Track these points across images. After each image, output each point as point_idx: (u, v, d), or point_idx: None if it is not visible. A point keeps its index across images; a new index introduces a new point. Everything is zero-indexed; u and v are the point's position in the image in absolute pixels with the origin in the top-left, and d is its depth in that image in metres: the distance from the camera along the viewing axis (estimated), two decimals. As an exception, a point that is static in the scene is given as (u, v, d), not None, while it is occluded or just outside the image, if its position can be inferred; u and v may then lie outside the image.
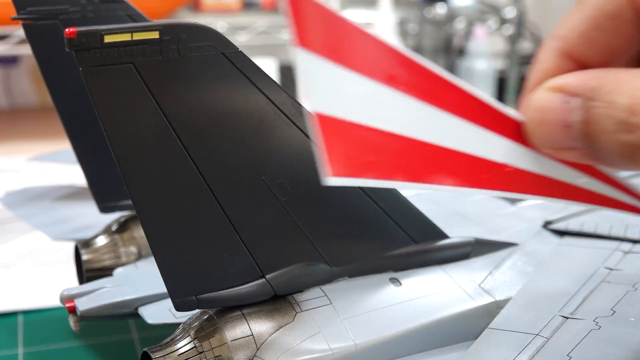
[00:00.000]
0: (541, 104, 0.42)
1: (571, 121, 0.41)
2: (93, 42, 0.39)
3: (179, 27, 0.41)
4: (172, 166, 0.45)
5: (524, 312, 0.52)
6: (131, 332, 0.68)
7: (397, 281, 0.54)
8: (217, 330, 0.48)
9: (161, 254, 0.46)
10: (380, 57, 0.37)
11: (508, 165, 0.42)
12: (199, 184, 0.46)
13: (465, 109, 0.40)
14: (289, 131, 0.47)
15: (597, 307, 0.51)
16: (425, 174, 0.40)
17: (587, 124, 0.40)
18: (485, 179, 0.42)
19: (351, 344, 0.49)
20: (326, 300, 0.51)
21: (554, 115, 0.42)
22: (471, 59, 1.53)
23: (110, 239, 0.69)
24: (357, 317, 0.51)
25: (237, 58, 0.44)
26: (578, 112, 0.41)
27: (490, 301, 0.54)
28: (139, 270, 0.65)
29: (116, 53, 0.40)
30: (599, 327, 0.49)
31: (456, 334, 0.52)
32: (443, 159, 0.40)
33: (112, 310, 0.60)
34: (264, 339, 0.48)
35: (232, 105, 0.45)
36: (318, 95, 0.36)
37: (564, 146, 0.42)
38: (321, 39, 0.36)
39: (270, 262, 0.50)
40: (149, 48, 0.41)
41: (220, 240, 0.47)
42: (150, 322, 0.57)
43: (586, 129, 0.41)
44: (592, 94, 0.40)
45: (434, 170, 0.40)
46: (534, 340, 0.48)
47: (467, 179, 0.41)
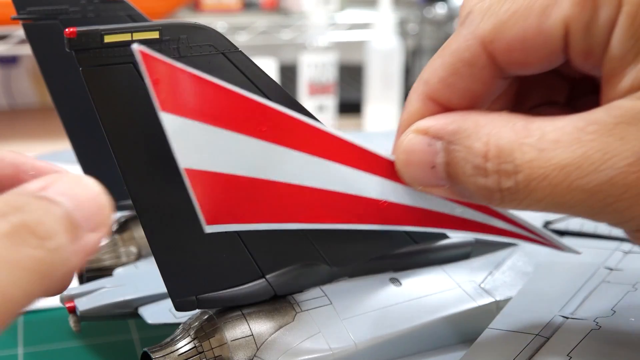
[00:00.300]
0: (408, 146, 0.45)
1: (435, 162, 0.44)
2: (93, 42, 0.39)
3: (179, 27, 0.42)
4: (172, 166, 0.45)
5: (524, 312, 0.52)
6: (131, 332, 0.68)
7: (397, 281, 0.54)
8: (217, 330, 0.48)
9: (161, 254, 0.46)
10: (244, 110, 0.40)
11: (384, 200, 0.45)
12: (199, 184, 0.46)
13: (337, 153, 0.44)
14: (289, 131, 0.47)
15: (597, 307, 0.51)
16: (304, 215, 0.44)
17: (449, 165, 0.43)
18: (363, 215, 0.46)
19: (351, 344, 0.49)
20: (326, 300, 0.51)
21: (419, 157, 0.44)
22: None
23: (110, 239, 0.69)
24: (357, 317, 0.51)
25: (237, 58, 0.44)
26: (441, 154, 0.43)
27: (490, 301, 0.54)
28: (139, 270, 0.65)
29: (116, 53, 0.40)
30: (599, 327, 0.49)
31: (456, 334, 0.52)
32: (318, 199, 0.44)
33: (112, 310, 0.59)
34: (264, 339, 0.48)
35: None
36: (185, 151, 0.39)
37: (431, 184, 0.45)
38: (183, 100, 0.38)
39: (270, 262, 0.50)
40: (150, 48, 0.41)
41: (220, 241, 0.47)
42: (150, 322, 0.57)
43: (449, 170, 0.43)
44: (452, 138, 0.43)
45: (311, 210, 0.44)
46: (534, 340, 0.48)
47: (344, 216, 0.45)
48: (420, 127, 0.45)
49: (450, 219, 0.48)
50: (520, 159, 0.40)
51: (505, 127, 0.41)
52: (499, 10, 0.42)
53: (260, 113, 0.41)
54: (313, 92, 1.50)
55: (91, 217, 0.35)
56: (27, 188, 0.34)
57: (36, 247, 0.31)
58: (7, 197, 0.33)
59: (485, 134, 0.41)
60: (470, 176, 0.42)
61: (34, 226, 0.31)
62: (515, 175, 0.40)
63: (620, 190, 0.39)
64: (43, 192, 0.34)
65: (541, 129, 0.40)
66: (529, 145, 0.40)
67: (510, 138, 0.41)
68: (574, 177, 0.39)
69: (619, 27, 0.39)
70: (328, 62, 1.50)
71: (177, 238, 0.46)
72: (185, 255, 0.47)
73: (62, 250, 0.33)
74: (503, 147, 0.41)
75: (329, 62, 1.50)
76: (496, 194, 0.42)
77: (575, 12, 0.40)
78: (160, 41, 0.41)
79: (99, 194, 0.36)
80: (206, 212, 0.41)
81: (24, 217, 0.31)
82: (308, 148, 0.43)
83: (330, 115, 1.51)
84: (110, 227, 0.37)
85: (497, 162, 0.41)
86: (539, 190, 0.40)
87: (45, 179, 0.35)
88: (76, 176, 0.36)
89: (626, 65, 0.40)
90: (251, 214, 0.43)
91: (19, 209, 0.32)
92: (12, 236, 0.30)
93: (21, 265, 0.30)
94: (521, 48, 0.42)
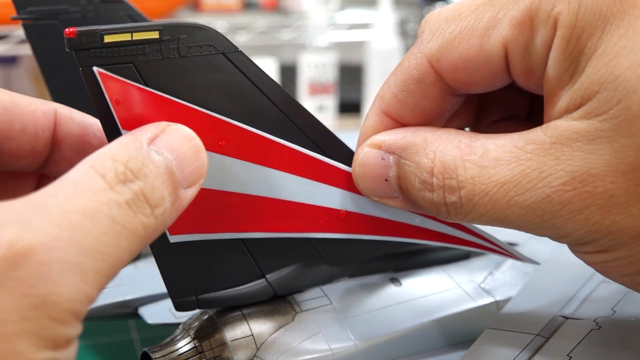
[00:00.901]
0: (363, 159, 0.47)
1: (388, 176, 0.46)
2: (93, 42, 0.39)
3: (179, 27, 0.42)
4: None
5: (524, 313, 0.52)
6: (131, 332, 0.68)
7: (397, 281, 0.54)
8: (217, 330, 0.48)
9: (161, 253, 0.46)
10: (202, 126, 0.42)
11: (344, 210, 0.48)
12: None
13: (296, 166, 0.46)
14: (289, 133, 0.47)
15: (597, 307, 0.51)
16: (264, 225, 0.46)
17: (400, 179, 0.45)
18: (324, 224, 0.48)
19: (351, 344, 0.49)
20: (326, 300, 0.51)
21: (374, 170, 0.47)
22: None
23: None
24: (358, 318, 0.51)
25: (237, 58, 0.44)
26: (393, 168, 0.46)
27: (490, 301, 0.54)
28: (139, 270, 0.65)
29: (116, 53, 0.40)
30: (599, 327, 0.49)
31: (456, 334, 0.52)
32: (278, 209, 0.46)
33: (112, 311, 0.59)
34: (264, 339, 0.48)
35: (231, 105, 0.45)
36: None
37: (386, 196, 0.47)
38: (142, 118, 0.40)
39: (270, 263, 0.50)
40: (149, 48, 0.41)
41: (220, 241, 0.47)
42: (150, 322, 0.57)
43: (400, 184, 0.46)
44: (402, 153, 0.45)
45: (271, 220, 0.46)
46: (534, 340, 0.48)
47: (305, 225, 0.47)
48: (374, 142, 0.47)
49: (409, 228, 0.50)
50: (464, 176, 0.42)
51: (450, 144, 0.43)
52: (446, 30, 0.44)
53: (219, 128, 0.43)
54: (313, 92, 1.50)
55: (190, 175, 0.38)
56: (139, 138, 0.36)
57: (148, 215, 0.34)
58: (126, 154, 0.35)
59: (432, 151, 0.43)
60: (419, 190, 0.44)
61: (149, 194, 0.34)
62: (459, 190, 0.42)
63: (556, 208, 0.40)
64: (153, 146, 0.37)
65: (484, 147, 0.42)
66: (472, 162, 0.42)
67: (454, 155, 0.42)
68: (512, 194, 0.41)
69: (554, 49, 0.41)
70: (328, 62, 1.50)
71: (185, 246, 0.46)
72: (185, 256, 0.47)
73: (166, 214, 0.36)
74: (448, 164, 0.43)
75: (329, 62, 1.50)
76: (442, 208, 0.44)
77: (513, 34, 0.42)
78: (160, 41, 0.41)
79: (200, 150, 0.39)
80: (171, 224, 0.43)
81: (142, 185, 0.34)
82: (267, 162, 0.45)
83: (330, 115, 1.51)
84: (203, 180, 0.40)
85: (442, 178, 0.43)
86: (481, 206, 0.42)
87: (153, 128, 0.38)
88: (179, 128, 0.39)
89: (563, 86, 0.41)
90: (213, 224, 0.45)
91: (137, 173, 0.34)
92: (132, 204, 0.33)
93: (136, 232, 0.33)
94: (464, 67, 0.44)
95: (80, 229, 0.31)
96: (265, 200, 0.45)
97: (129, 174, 0.34)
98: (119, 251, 0.33)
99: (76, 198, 0.32)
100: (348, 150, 0.50)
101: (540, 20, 0.41)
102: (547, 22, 0.41)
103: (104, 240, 0.32)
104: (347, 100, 1.64)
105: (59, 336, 0.30)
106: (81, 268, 0.31)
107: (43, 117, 0.44)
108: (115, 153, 0.35)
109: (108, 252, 0.32)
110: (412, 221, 0.50)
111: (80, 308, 0.31)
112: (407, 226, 0.50)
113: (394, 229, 0.50)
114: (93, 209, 0.32)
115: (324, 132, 0.49)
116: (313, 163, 0.47)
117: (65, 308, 0.30)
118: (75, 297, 0.31)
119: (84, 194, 0.32)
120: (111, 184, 0.33)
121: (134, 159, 0.35)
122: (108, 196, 0.33)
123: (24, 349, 0.29)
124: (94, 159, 0.35)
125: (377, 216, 0.49)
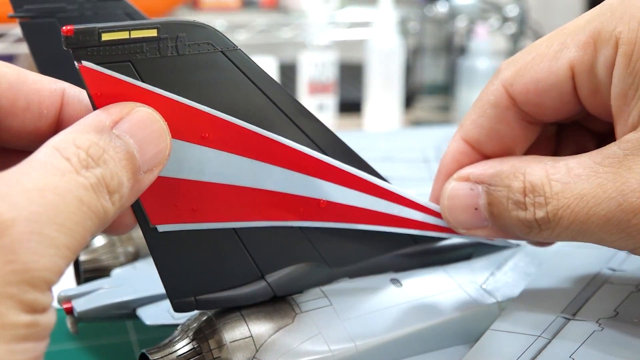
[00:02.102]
0: (452, 193, 0.51)
1: (478, 204, 0.50)
2: (90, 40, 0.39)
3: (177, 25, 0.41)
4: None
5: (526, 314, 0.52)
6: (129, 334, 0.68)
7: (398, 282, 0.54)
8: (216, 331, 0.48)
9: (160, 255, 0.46)
10: (186, 118, 0.43)
11: (324, 200, 0.49)
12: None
13: (276, 156, 0.47)
14: (288, 131, 0.47)
15: (600, 308, 0.51)
16: (245, 214, 0.47)
17: (491, 205, 0.49)
18: (304, 213, 0.49)
19: (351, 345, 0.49)
20: (326, 301, 0.51)
21: (463, 201, 0.51)
22: (473, 58, 1.53)
23: (108, 239, 0.69)
24: (358, 319, 0.51)
25: (236, 56, 0.44)
26: (483, 196, 0.50)
27: (492, 302, 0.54)
28: (137, 271, 0.65)
29: (114, 51, 0.40)
30: (602, 328, 0.49)
31: (457, 336, 0.52)
32: (259, 199, 0.47)
33: (109, 312, 0.59)
34: (263, 341, 0.48)
35: (230, 104, 0.45)
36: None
37: (475, 226, 0.51)
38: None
39: (270, 263, 0.50)
40: (147, 46, 0.41)
41: (219, 241, 0.47)
42: (148, 323, 0.57)
43: (491, 210, 0.50)
44: (492, 181, 0.49)
45: (251, 210, 0.47)
46: (536, 341, 0.48)
47: (285, 214, 0.48)
48: (461, 175, 0.51)
49: (388, 217, 0.51)
50: (550, 192, 0.46)
51: (537, 166, 0.47)
52: (520, 59, 0.50)
53: (203, 120, 0.43)
54: (313, 91, 1.50)
55: (151, 159, 0.39)
56: (103, 121, 0.38)
57: (107, 201, 0.36)
58: (88, 139, 0.36)
59: (521, 173, 0.48)
60: (512, 211, 0.48)
61: (109, 180, 0.36)
62: (546, 206, 0.46)
63: (629, 216, 0.43)
64: (116, 129, 0.38)
65: (567, 165, 0.46)
66: (556, 180, 0.46)
67: (541, 175, 0.47)
68: (590, 205, 0.45)
69: (617, 66, 0.45)
70: (328, 61, 1.50)
71: (175, 238, 0.46)
72: (183, 256, 0.47)
73: (124, 199, 0.37)
74: (535, 183, 0.47)
75: (329, 61, 1.50)
76: (533, 224, 0.47)
77: (579, 55, 0.46)
78: (158, 39, 0.41)
79: (163, 133, 0.40)
80: (152, 213, 0.44)
81: (102, 172, 0.36)
82: (247, 152, 0.46)
83: (330, 114, 1.51)
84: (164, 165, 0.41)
85: (532, 197, 0.47)
86: (564, 219, 0.46)
87: (118, 110, 0.39)
88: (144, 111, 0.40)
89: (629, 101, 0.45)
90: (195, 214, 0.45)
91: (97, 160, 0.36)
92: (95, 188, 0.35)
93: (99, 215, 0.36)
94: (535, 89, 0.49)
95: (54, 207, 0.33)
96: (243, 190, 0.46)
97: (90, 161, 0.36)
98: (85, 230, 0.35)
99: (48, 177, 0.34)
100: (349, 151, 0.50)
101: (603, 41, 0.45)
102: (609, 41, 0.45)
103: (74, 219, 0.34)
104: (348, 99, 1.64)
105: (37, 302, 0.33)
106: (55, 242, 0.33)
107: (49, 96, 0.44)
108: (77, 139, 0.36)
109: (76, 230, 0.34)
110: (390, 210, 0.51)
111: (54, 279, 0.34)
112: (385, 215, 0.51)
113: (372, 218, 0.51)
114: (64, 189, 0.34)
115: (324, 130, 0.49)
116: (293, 153, 0.47)
117: (42, 276, 0.33)
118: (51, 268, 0.33)
119: (54, 173, 0.34)
120: (76, 168, 0.35)
121: (95, 145, 0.36)
122: (75, 179, 0.35)
123: (6, 311, 0.31)
124: (58, 141, 0.36)
125: (356, 206, 0.50)
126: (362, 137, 1.04)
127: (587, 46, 0.46)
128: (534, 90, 0.48)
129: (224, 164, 0.45)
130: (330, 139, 0.49)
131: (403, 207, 0.52)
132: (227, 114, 0.44)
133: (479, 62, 1.52)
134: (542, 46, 0.49)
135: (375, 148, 0.89)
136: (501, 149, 0.52)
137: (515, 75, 0.49)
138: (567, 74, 0.47)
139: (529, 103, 0.49)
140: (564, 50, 0.47)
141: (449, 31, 1.66)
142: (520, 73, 0.49)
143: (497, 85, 0.50)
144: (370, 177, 0.51)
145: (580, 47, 0.46)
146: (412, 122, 1.63)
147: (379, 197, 0.51)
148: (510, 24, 1.64)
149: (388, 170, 0.54)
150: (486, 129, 0.51)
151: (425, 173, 0.83)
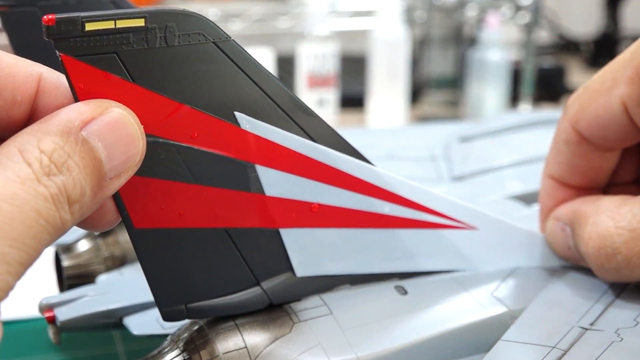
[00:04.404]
0: (550, 232, 0.59)
1: (569, 244, 0.56)
2: (73, 30, 0.39)
3: (166, 15, 0.41)
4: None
5: (540, 323, 0.52)
6: (115, 344, 0.68)
7: (402, 289, 0.54)
8: (208, 342, 0.48)
9: (147, 259, 0.46)
10: (174, 117, 0.43)
11: (316, 203, 0.49)
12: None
13: (268, 158, 0.47)
14: (284, 126, 0.47)
15: (618, 317, 0.51)
16: (233, 219, 0.47)
17: (577, 248, 0.55)
18: (296, 218, 0.49)
19: (353, 357, 0.49)
20: (326, 309, 0.51)
21: (559, 240, 0.58)
22: (483, 49, 1.53)
23: (93, 243, 0.69)
24: (360, 328, 0.51)
25: (229, 47, 0.44)
26: (571, 238, 0.56)
27: (503, 311, 0.54)
28: (124, 277, 0.65)
29: (98, 42, 0.40)
30: (621, 339, 0.49)
31: (466, 347, 0.52)
32: (250, 204, 0.47)
33: (94, 321, 0.59)
34: (258, 352, 0.48)
35: (223, 98, 0.45)
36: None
37: (577, 260, 0.56)
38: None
39: (266, 269, 0.50)
40: (134, 37, 0.41)
41: (211, 245, 0.47)
42: (136, 333, 0.57)
43: (579, 251, 0.54)
44: (573, 226, 0.55)
45: (242, 214, 0.47)
46: (551, 353, 0.48)
47: (275, 219, 0.48)
48: (555, 215, 0.58)
49: (380, 217, 0.52)
50: (618, 242, 0.50)
51: (604, 215, 0.52)
52: (582, 95, 0.55)
53: (192, 119, 0.44)
54: (312, 85, 1.50)
55: (120, 166, 0.39)
56: (72, 121, 0.38)
57: (66, 211, 0.36)
58: (53, 142, 0.36)
59: (590, 223, 0.53)
60: (585, 256, 0.53)
61: (70, 190, 0.36)
62: (615, 256, 0.50)
63: None
64: (84, 131, 0.38)
65: (632, 212, 0.50)
66: (622, 228, 0.50)
67: (607, 224, 0.51)
68: None
69: None
70: (329, 52, 1.50)
71: (164, 243, 0.46)
72: (173, 262, 0.47)
73: (84, 209, 0.37)
74: (602, 234, 0.51)
75: (330, 53, 1.50)
76: (611, 272, 0.52)
77: (627, 90, 0.51)
78: (146, 29, 0.41)
79: (135, 139, 0.40)
80: (135, 215, 0.44)
81: (65, 181, 0.36)
82: (238, 153, 0.46)
83: (331, 109, 1.51)
84: (134, 171, 0.40)
85: (597, 248, 0.51)
86: (638, 266, 0.50)
87: (90, 109, 0.38)
88: (117, 112, 0.39)
89: None
90: (182, 218, 0.46)
91: (60, 167, 0.36)
92: (55, 199, 0.35)
93: (56, 227, 0.36)
94: (596, 125, 0.54)
95: (9, 219, 0.33)
96: (234, 194, 0.47)
97: (53, 168, 0.36)
98: (40, 244, 0.35)
99: (8, 184, 0.34)
100: (351, 149, 0.50)
101: None
102: None
103: (30, 233, 0.34)
104: (350, 93, 1.64)
105: None
106: (7, 258, 0.33)
107: (24, 81, 0.43)
108: (42, 141, 0.36)
109: (31, 244, 0.34)
110: (381, 210, 0.52)
111: (1, 296, 0.34)
112: (377, 215, 0.52)
113: (365, 220, 0.52)
114: (22, 199, 0.34)
115: (324, 127, 0.49)
116: (286, 154, 0.47)
117: None
118: (0, 286, 0.33)
119: (14, 180, 0.34)
120: (37, 174, 0.35)
121: (60, 149, 0.36)
122: (35, 188, 0.35)
123: None
124: (22, 142, 0.36)
125: (348, 207, 0.51)
126: (365, 134, 1.04)
127: (634, 81, 0.51)
128: (596, 125, 0.54)
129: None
130: (330, 136, 0.49)
131: (409, 209, 0.53)
132: (220, 110, 0.44)
133: (490, 54, 1.52)
134: (597, 83, 0.54)
135: (379, 146, 0.89)
136: (585, 179, 0.58)
137: (578, 113, 0.55)
138: (621, 109, 0.52)
139: (595, 137, 0.55)
140: (614, 88, 0.52)
141: (458, 21, 1.66)
142: (582, 110, 0.54)
143: (565, 124, 0.56)
144: (368, 177, 0.51)
145: (628, 82, 0.51)
146: (419, 118, 1.63)
147: (378, 197, 0.51)
148: (523, 13, 1.64)
149: (393, 169, 0.54)
150: (566, 165, 0.57)
151: (433, 172, 0.83)
